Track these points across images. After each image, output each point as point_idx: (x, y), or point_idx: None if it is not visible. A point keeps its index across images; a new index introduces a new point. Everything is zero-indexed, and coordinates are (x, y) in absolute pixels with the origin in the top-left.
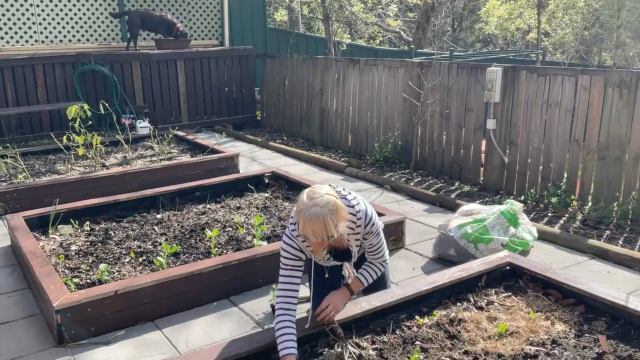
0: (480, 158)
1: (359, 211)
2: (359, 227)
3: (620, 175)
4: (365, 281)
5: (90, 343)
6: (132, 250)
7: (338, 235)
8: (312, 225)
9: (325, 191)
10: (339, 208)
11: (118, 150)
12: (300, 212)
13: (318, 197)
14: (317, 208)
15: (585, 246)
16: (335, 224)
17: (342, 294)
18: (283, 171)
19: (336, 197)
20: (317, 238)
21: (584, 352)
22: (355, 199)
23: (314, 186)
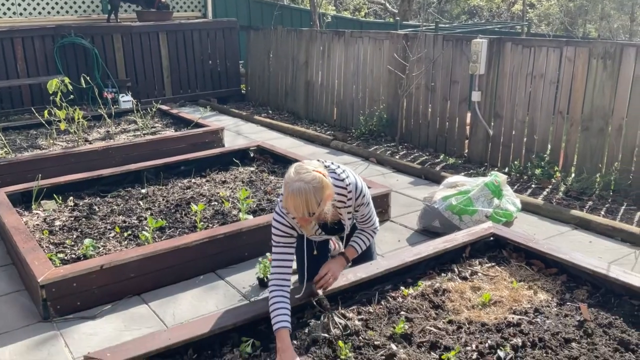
0: (465, 130)
1: (349, 184)
2: (350, 199)
3: (603, 147)
4: (359, 248)
5: (76, 318)
6: (117, 225)
7: (321, 212)
8: (294, 200)
9: (313, 167)
10: (324, 186)
11: (101, 125)
12: (285, 185)
13: (304, 173)
14: (301, 183)
15: (568, 217)
16: (319, 201)
17: (339, 261)
18: (268, 145)
19: (324, 174)
20: (298, 213)
21: (566, 320)
22: (345, 172)
23: (303, 161)
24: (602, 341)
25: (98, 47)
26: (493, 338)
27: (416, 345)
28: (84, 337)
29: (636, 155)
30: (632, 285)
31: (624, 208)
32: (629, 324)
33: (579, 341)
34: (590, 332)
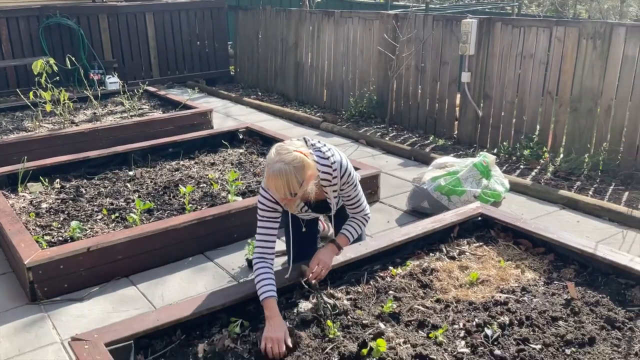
0: (454, 112)
1: (334, 162)
2: (335, 178)
3: (591, 127)
4: (350, 236)
5: (64, 300)
6: (104, 207)
7: (304, 192)
8: (274, 181)
9: (295, 147)
10: (306, 166)
11: (87, 107)
12: (267, 166)
13: (285, 153)
14: (282, 164)
15: (556, 197)
16: (300, 181)
17: (329, 250)
18: (258, 127)
19: (306, 154)
20: (280, 193)
21: (553, 299)
22: (330, 151)
23: (285, 141)
24: (589, 319)
25: (84, 28)
26: (480, 316)
27: (404, 324)
28: (71, 319)
29: (624, 135)
30: (619, 263)
31: (612, 188)
32: (615, 302)
33: (565, 319)
34: (577, 310)
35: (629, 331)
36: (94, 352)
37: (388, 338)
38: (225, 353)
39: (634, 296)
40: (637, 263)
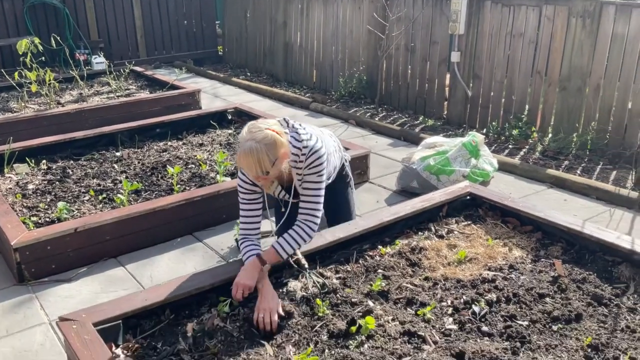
0: (444, 92)
1: (306, 147)
2: (301, 162)
3: (580, 107)
4: (282, 251)
5: (52, 280)
6: (91, 188)
7: (277, 171)
8: (245, 159)
9: (267, 126)
10: (277, 144)
11: (73, 87)
12: (239, 145)
13: (256, 132)
14: (253, 142)
15: (544, 176)
16: (272, 159)
17: (248, 269)
18: (247, 107)
19: (279, 132)
20: (251, 172)
21: (540, 276)
22: (308, 135)
23: (258, 120)
24: (576, 296)
25: (69, 7)
26: (468, 294)
27: (393, 302)
28: (59, 299)
29: (613, 114)
30: (606, 241)
31: (599, 167)
32: (602, 279)
33: (552, 296)
34: (564, 287)
35: (615, 307)
36: (82, 332)
37: (377, 315)
38: (215, 332)
39: (621, 273)
40: (624, 240)
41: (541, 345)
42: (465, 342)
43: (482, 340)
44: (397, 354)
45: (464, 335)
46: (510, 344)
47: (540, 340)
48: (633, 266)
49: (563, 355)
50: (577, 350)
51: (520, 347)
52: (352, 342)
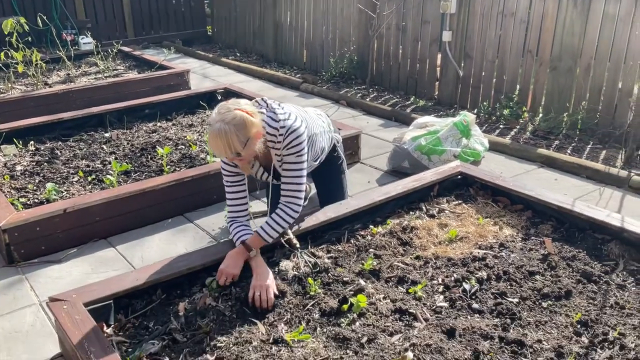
0: (435, 72)
1: (283, 127)
2: (279, 142)
3: (571, 86)
4: (266, 235)
5: (42, 262)
6: (80, 169)
7: (250, 152)
8: (215, 141)
9: (237, 106)
10: (247, 125)
11: (60, 68)
12: (209, 127)
13: (225, 112)
14: (222, 124)
15: (535, 155)
16: (244, 140)
17: (234, 257)
18: (236, 88)
19: (249, 112)
20: (222, 154)
21: (530, 254)
22: (286, 114)
23: (229, 100)
24: (566, 273)
25: None
26: (459, 272)
27: (384, 281)
28: (49, 280)
29: (603, 94)
30: (596, 219)
31: (589, 147)
32: (591, 257)
33: (542, 273)
34: (554, 265)
35: (604, 284)
36: (73, 312)
37: (368, 294)
38: (207, 311)
39: (610, 251)
40: (613, 218)
41: (531, 322)
42: (456, 319)
43: (473, 317)
44: (389, 331)
45: (454, 313)
46: (501, 321)
47: (530, 317)
48: (622, 244)
49: (553, 331)
50: (566, 326)
51: (511, 323)
52: (343, 320)
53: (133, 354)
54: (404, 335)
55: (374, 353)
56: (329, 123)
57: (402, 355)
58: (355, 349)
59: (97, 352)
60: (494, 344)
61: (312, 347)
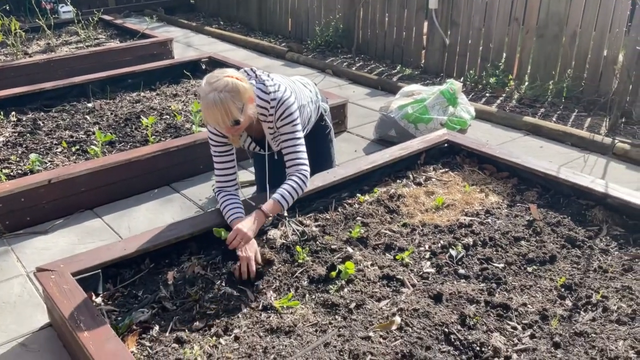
0: (422, 40)
1: (274, 99)
2: (271, 115)
3: (557, 54)
4: (283, 201)
5: (27, 233)
6: (63, 140)
7: (247, 118)
8: (212, 112)
9: (225, 74)
10: (240, 89)
11: (40, 37)
12: (201, 99)
13: (215, 82)
14: (215, 93)
15: (520, 123)
16: (240, 107)
17: (252, 220)
18: (221, 57)
19: (238, 78)
20: (221, 124)
21: (516, 220)
22: (275, 85)
23: (215, 70)
24: (550, 239)
25: None
26: (445, 239)
27: (372, 248)
28: (36, 251)
29: (589, 62)
30: (581, 185)
31: (574, 114)
32: (576, 222)
33: (527, 239)
34: (539, 231)
35: (588, 249)
36: (61, 282)
37: (356, 261)
38: (196, 279)
39: (594, 216)
40: (597, 184)
41: (516, 286)
42: (442, 285)
43: (459, 282)
44: (377, 297)
45: (441, 278)
46: (486, 285)
47: (516, 282)
48: (606, 209)
49: (537, 295)
50: (550, 290)
51: (496, 288)
52: (332, 286)
53: (123, 322)
54: (391, 301)
55: (362, 318)
56: (316, 92)
57: (390, 320)
58: (343, 314)
59: (87, 320)
60: (479, 307)
61: (301, 314)
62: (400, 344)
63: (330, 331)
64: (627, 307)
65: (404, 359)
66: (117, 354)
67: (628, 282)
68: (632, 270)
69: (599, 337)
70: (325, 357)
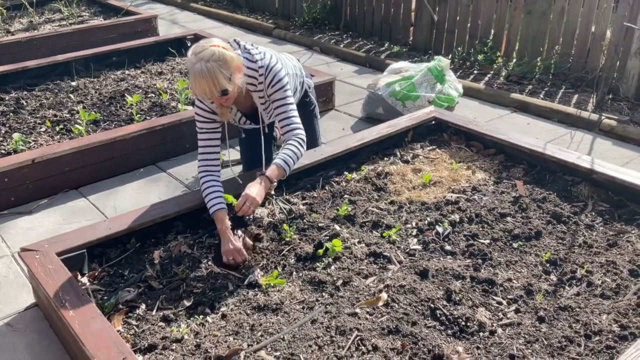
0: (410, 17)
1: (261, 67)
2: (260, 83)
3: (545, 31)
4: (284, 165)
5: (12, 213)
6: (47, 119)
7: (235, 88)
8: (200, 82)
9: (211, 43)
10: (227, 58)
11: (22, 15)
12: (189, 70)
13: (202, 52)
14: (202, 63)
15: (508, 100)
16: (228, 76)
17: (258, 185)
18: (206, 34)
19: (224, 47)
20: (209, 95)
21: (502, 197)
22: (261, 54)
23: (200, 41)
24: (536, 215)
25: None
26: (432, 216)
27: (359, 225)
28: (21, 231)
29: (576, 38)
30: (567, 161)
31: (562, 91)
32: (561, 198)
33: (514, 215)
34: (525, 207)
35: (573, 225)
36: (46, 262)
37: (343, 239)
38: (182, 258)
39: (580, 192)
40: (583, 161)
41: (502, 262)
42: (429, 261)
43: (445, 258)
44: (364, 273)
45: (427, 255)
46: (472, 261)
47: (501, 257)
48: (592, 185)
49: (523, 270)
50: (536, 265)
51: (482, 263)
52: (319, 264)
53: (109, 301)
54: (378, 278)
55: (349, 295)
56: (300, 68)
57: (377, 296)
58: (330, 291)
59: (72, 300)
60: (465, 283)
61: (288, 291)
62: (386, 320)
63: (317, 308)
64: (612, 282)
65: (391, 334)
66: (103, 332)
67: (612, 257)
68: (617, 246)
69: (583, 312)
70: (312, 334)
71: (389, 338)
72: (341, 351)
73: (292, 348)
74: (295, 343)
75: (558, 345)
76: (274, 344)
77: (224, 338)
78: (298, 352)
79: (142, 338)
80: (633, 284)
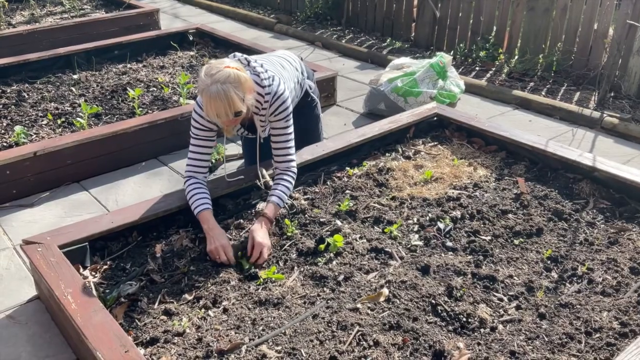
0: (412, 13)
1: (268, 93)
2: (264, 109)
3: (547, 27)
4: (280, 202)
5: (13, 206)
6: (49, 112)
7: (246, 108)
8: (215, 105)
9: (225, 64)
10: (242, 79)
11: (24, 7)
12: (202, 92)
13: (216, 73)
14: (218, 85)
15: (510, 97)
16: (242, 97)
17: (263, 228)
18: (209, 28)
19: (238, 68)
20: (223, 117)
21: (503, 194)
22: (269, 79)
23: (211, 61)
24: (538, 212)
25: None
26: (434, 212)
27: (360, 221)
28: (22, 224)
29: (579, 36)
30: (568, 159)
31: (564, 88)
32: (563, 196)
33: (515, 212)
34: (526, 204)
35: (575, 222)
36: (48, 255)
37: (345, 234)
38: (184, 252)
39: (581, 189)
40: (585, 158)
41: (503, 258)
42: (430, 257)
43: (447, 254)
44: (365, 269)
45: (429, 251)
46: (474, 258)
47: (502, 254)
48: (593, 183)
49: (524, 267)
50: (537, 262)
51: (483, 260)
52: (320, 259)
53: (111, 294)
54: (379, 273)
55: (351, 290)
56: (302, 69)
57: (378, 292)
58: (332, 286)
59: (74, 293)
60: (466, 279)
61: (289, 286)
62: (387, 315)
63: (318, 303)
64: (612, 279)
65: (392, 330)
66: (105, 326)
67: (613, 254)
68: (618, 243)
69: (583, 309)
70: (313, 329)
71: (390, 333)
72: (342, 346)
73: (293, 342)
74: (297, 337)
75: (559, 342)
76: (275, 338)
77: (225, 332)
78: (299, 347)
79: (143, 331)
80: (634, 281)
